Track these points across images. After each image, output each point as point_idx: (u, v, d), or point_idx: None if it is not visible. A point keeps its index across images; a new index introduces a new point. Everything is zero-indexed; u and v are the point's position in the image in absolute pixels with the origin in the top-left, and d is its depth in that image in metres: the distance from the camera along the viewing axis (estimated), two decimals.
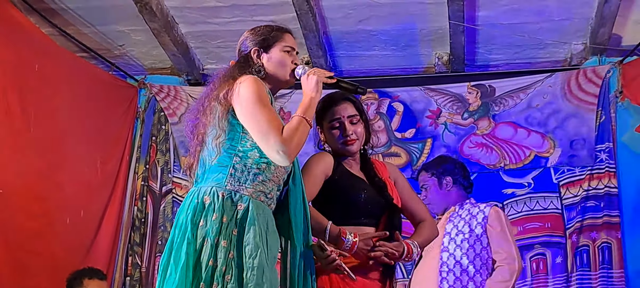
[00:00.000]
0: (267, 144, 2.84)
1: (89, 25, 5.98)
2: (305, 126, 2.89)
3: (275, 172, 2.96)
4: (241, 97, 2.92)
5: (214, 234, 2.83)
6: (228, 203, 2.88)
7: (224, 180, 2.93)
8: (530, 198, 5.96)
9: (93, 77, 6.13)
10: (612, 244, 5.74)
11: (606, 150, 5.89)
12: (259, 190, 2.93)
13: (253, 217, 2.86)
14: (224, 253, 2.82)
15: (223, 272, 2.80)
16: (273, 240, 2.94)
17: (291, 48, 3.16)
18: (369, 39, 6.06)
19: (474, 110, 6.14)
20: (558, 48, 6.12)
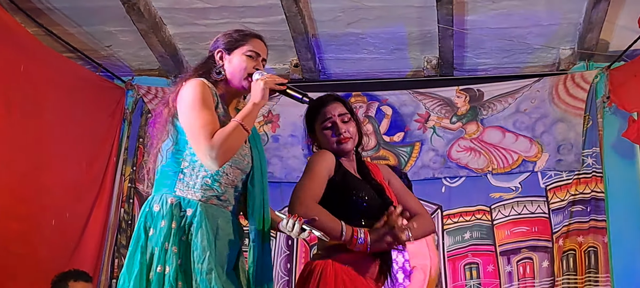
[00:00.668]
0: (197, 147, 2.82)
1: (76, 26, 5.93)
2: (240, 132, 2.84)
3: (226, 175, 2.93)
4: (182, 100, 2.91)
5: (163, 241, 2.82)
6: (177, 209, 2.87)
7: (173, 186, 2.91)
8: (518, 202, 5.98)
9: (80, 78, 6.08)
10: (599, 248, 5.77)
11: (593, 155, 5.91)
12: (209, 194, 2.91)
13: (200, 221, 2.84)
14: (174, 259, 2.81)
15: (175, 278, 2.78)
16: (225, 243, 2.91)
17: (255, 53, 3.10)
18: (358, 42, 6.05)
19: (463, 114, 6.15)
20: (546, 53, 6.14)
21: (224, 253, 2.90)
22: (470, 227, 5.98)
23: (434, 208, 6.03)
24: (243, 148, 3.00)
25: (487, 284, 5.88)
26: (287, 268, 6.02)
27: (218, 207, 2.93)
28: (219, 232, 2.90)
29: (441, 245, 5.97)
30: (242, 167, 3.00)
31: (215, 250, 2.84)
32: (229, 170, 2.94)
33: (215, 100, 2.95)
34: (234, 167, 2.95)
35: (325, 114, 3.34)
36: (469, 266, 5.92)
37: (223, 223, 2.93)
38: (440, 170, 6.10)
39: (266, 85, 2.95)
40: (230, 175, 2.95)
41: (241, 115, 2.89)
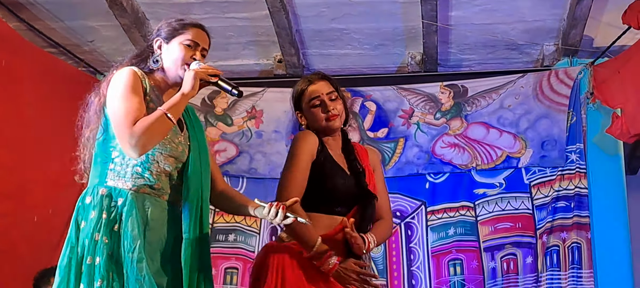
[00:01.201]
0: (120, 135, 2.80)
1: (58, 20, 5.88)
2: (164, 121, 2.81)
3: (157, 163, 2.91)
4: (111, 89, 2.88)
5: (92, 232, 2.78)
6: (107, 200, 2.83)
7: (105, 176, 2.88)
8: (502, 198, 5.98)
9: (61, 73, 6.02)
10: (582, 244, 5.78)
11: (577, 151, 5.92)
12: (140, 183, 2.87)
13: (130, 210, 2.81)
14: (105, 249, 2.77)
15: (106, 269, 2.75)
16: (157, 233, 2.89)
17: (194, 43, 3.03)
18: (342, 37, 6.03)
19: (447, 110, 6.14)
20: (530, 49, 6.14)
21: (155, 243, 2.87)
22: (454, 223, 5.97)
23: (418, 205, 6.02)
24: (177, 137, 2.98)
25: (470, 280, 5.89)
26: None
27: (151, 196, 2.89)
28: (150, 222, 2.87)
29: (425, 241, 5.97)
30: (177, 156, 2.96)
31: (144, 240, 2.81)
32: (160, 158, 2.91)
33: (144, 88, 2.92)
34: (165, 155, 2.92)
35: (312, 93, 3.38)
36: (452, 262, 5.93)
37: (156, 213, 2.89)
38: (424, 166, 6.09)
39: (196, 76, 2.90)
40: (161, 163, 2.91)
41: (167, 104, 2.85)
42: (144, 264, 2.75)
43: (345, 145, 3.46)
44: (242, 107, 6.23)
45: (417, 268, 5.94)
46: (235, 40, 6.10)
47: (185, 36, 3.03)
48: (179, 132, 3.00)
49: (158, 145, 2.89)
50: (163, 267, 2.87)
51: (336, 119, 3.36)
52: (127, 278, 2.75)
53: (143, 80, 2.94)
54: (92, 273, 2.74)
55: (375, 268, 5.89)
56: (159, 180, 2.91)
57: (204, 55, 3.10)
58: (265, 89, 6.19)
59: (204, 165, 3.04)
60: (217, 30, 5.91)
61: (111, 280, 2.76)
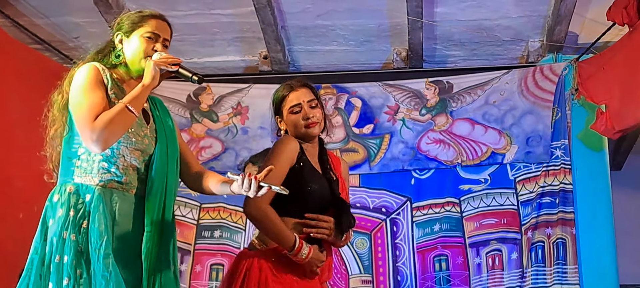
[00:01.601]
0: (82, 130, 2.79)
1: (43, 16, 5.87)
2: (124, 113, 2.79)
3: (123, 157, 2.90)
4: (72, 85, 2.88)
5: (60, 230, 2.77)
6: (75, 197, 2.82)
7: (72, 174, 2.88)
8: (487, 194, 5.99)
9: (46, 69, 5.99)
10: (567, 240, 5.80)
11: (561, 147, 5.94)
12: (107, 178, 2.86)
13: (97, 206, 2.79)
14: (73, 246, 2.75)
15: (74, 266, 2.74)
16: (126, 227, 2.88)
17: (154, 35, 3.01)
18: (328, 34, 6.03)
19: (432, 106, 6.15)
20: (515, 45, 6.16)
21: (124, 238, 2.86)
22: (439, 219, 5.98)
23: (404, 201, 6.03)
24: (142, 129, 2.97)
25: (456, 276, 5.90)
26: None
27: (118, 191, 2.88)
28: (118, 217, 2.86)
29: (410, 237, 5.97)
30: (142, 149, 2.95)
31: (113, 235, 2.80)
32: (126, 152, 2.90)
33: (106, 82, 2.90)
34: (131, 149, 2.91)
35: (294, 99, 3.41)
36: (438, 258, 5.94)
37: (123, 208, 2.88)
38: (409, 162, 6.09)
39: (156, 65, 2.88)
40: (128, 157, 2.91)
41: (128, 97, 2.83)
42: (110, 260, 2.74)
43: (321, 153, 3.51)
44: (227, 103, 6.22)
45: (402, 264, 5.94)
46: (220, 37, 6.10)
47: (145, 28, 3.00)
48: (145, 124, 3.00)
49: (123, 139, 2.88)
50: (133, 262, 2.86)
51: (315, 126, 3.40)
52: (94, 275, 2.73)
53: (104, 75, 2.92)
54: (61, 272, 2.73)
55: (361, 264, 5.90)
56: (126, 174, 2.90)
57: (167, 45, 3.07)
58: (251, 86, 6.19)
59: (170, 157, 3.03)
60: (203, 27, 5.92)
61: (79, 277, 2.73)
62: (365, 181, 6.09)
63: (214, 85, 6.24)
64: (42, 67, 5.96)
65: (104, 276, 2.72)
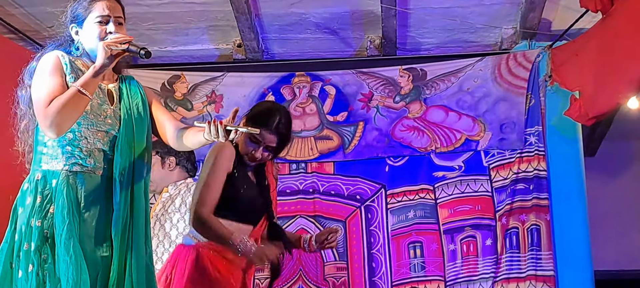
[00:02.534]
0: (38, 118, 2.82)
1: (17, 6, 5.84)
2: (76, 97, 2.78)
3: (86, 139, 2.91)
4: (34, 76, 2.92)
5: (28, 217, 2.81)
6: (42, 183, 2.85)
7: (40, 161, 2.91)
8: (461, 181, 6.00)
9: (21, 58, 5.87)
10: (541, 226, 5.82)
11: (536, 134, 5.95)
12: (72, 162, 2.87)
13: (61, 190, 2.82)
14: (38, 232, 2.79)
15: (38, 251, 2.76)
16: (91, 210, 2.88)
17: (105, 17, 2.99)
18: (301, 22, 6.02)
19: (406, 93, 6.15)
20: (489, 32, 6.16)
21: (91, 220, 2.87)
22: (413, 205, 5.99)
23: (378, 188, 6.03)
24: (105, 110, 2.98)
25: (430, 262, 5.91)
26: None
27: (83, 174, 2.88)
28: (84, 200, 2.87)
29: (385, 224, 5.99)
30: (105, 129, 2.96)
31: (80, 217, 2.82)
32: (88, 134, 2.91)
33: (66, 68, 2.91)
34: (93, 130, 2.92)
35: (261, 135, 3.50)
36: (412, 245, 5.95)
37: (89, 190, 2.88)
38: (383, 150, 6.09)
39: (105, 46, 2.84)
40: (90, 139, 2.91)
41: (80, 80, 2.83)
42: (71, 243, 2.75)
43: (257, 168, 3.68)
44: (201, 91, 6.21)
45: (377, 251, 5.96)
46: (194, 25, 6.08)
47: (94, 13, 3.00)
48: (108, 104, 3.00)
49: (83, 121, 2.89)
50: (103, 243, 2.88)
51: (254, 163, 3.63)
52: (58, 259, 2.75)
53: (63, 61, 2.93)
54: (29, 259, 2.76)
55: (336, 251, 5.91)
56: (90, 156, 2.91)
57: (121, 22, 3.05)
58: (225, 74, 6.18)
59: (137, 136, 3.03)
60: (177, 15, 5.91)
61: (43, 263, 2.76)
62: (340, 168, 6.09)
63: (188, 73, 6.23)
64: (17, 56, 5.94)
65: (64, 260, 2.74)
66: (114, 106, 3.02)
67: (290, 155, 6.05)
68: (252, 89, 6.16)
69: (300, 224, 5.99)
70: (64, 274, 2.73)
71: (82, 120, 2.89)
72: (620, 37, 5.01)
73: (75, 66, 2.96)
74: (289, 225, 5.96)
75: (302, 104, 6.17)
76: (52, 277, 2.76)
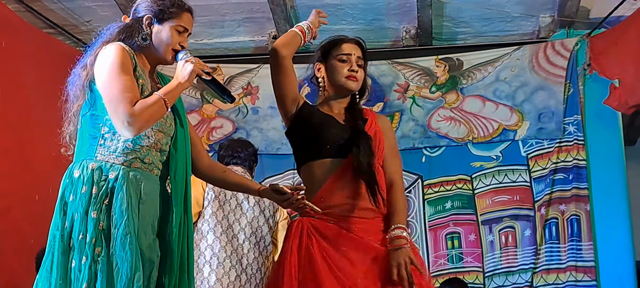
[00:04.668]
0: (115, 113, 2.76)
1: (56, 1, 5.94)
2: (161, 107, 2.80)
3: (148, 138, 2.91)
4: (100, 64, 2.85)
5: (84, 207, 2.77)
6: (98, 174, 2.81)
7: (94, 151, 2.86)
8: (499, 171, 5.98)
9: (60, 53, 6.06)
10: (581, 216, 5.78)
11: (574, 123, 5.90)
12: (131, 158, 2.87)
13: (121, 185, 2.79)
14: (94, 224, 2.75)
15: (93, 244, 2.73)
16: (149, 207, 2.88)
17: (184, 29, 3.01)
18: (337, 13, 6.02)
19: (442, 83, 6.14)
20: (526, 21, 6.13)
21: (148, 217, 2.87)
22: (451, 196, 5.98)
23: (415, 178, 6.03)
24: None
25: (468, 254, 5.90)
26: None
27: (143, 171, 2.89)
28: (143, 196, 2.86)
29: (422, 215, 5.98)
30: (165, 130, 2.96)
31: (138, 214, 2.81)
32: (150, 133, 2.90)
33: (133, 65, 2.89)
34: (155, 130, 2.91)
35: (344, 49, 3.50)
36: (450, 235, 5.94)
37: (148, 188, 2.89)
38: (420, 140, 6.09)
39: (195, 70, 2.88)
40: (152, 138, 2.91)
41: (165, 90, 2.84)
42: (128, 239, 2.75)
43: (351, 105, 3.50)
44: (237, 83, 6.26)
45: (414, 242, 5.93)
46: (230, 18, 6.13)
47: (178, 21, 3.00)
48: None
49: None
50: (154, 242, 2.87)
51: (356, 80, 3.44)
52: (113, 254, 2.74)
53: (132, 58, 2.91)
54: (83, 249, 2.73)
55: None
56: (149, 154, 2.92)
57: (187, 37, 3.07)
58: (261, 66, 6.21)
59: (187, 139, 3.07)
60: (213, 8, 5.95)
61: (97, 256, 2.74)
62: None
63: (225, 65, 6.28)
64: (56, 50, 6.04)
65: (120, 255, 2.73)
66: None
67: None
68: None
69: None
70: (118, 270, 2.73)
71: None
72: None
73: (138, 62, 2.95)
74: None
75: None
76: (105, 271, 2.74)
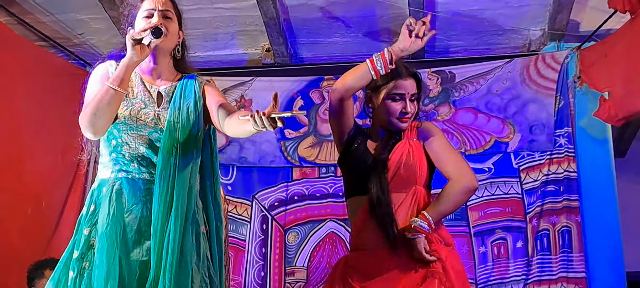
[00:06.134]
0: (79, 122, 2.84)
1: (48, 14, 5.93)
2: (106, 92, 2.76)
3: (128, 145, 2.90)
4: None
5: (80, 225, 2.87)
6: (96, 192, 2.89)
7: (99, 171, 2.96)
8: (491, 183, 5.99)
9: (52, 66, 6.08)
10: (572, 228, 5.80)
11: (565, 135, 5.93)
12: (117, 168, 2.89)
13: (104, 198, 2.84)
14: (84, 239, 2.81)
15: (81, 259, 2.78)
16: (134, 214, 2.86)
17: (149, 11, 2.96)
18: (330, 26, 6.05)
19: (435, 96, 6.16)
20: (517, 34, 6.16)
21: (133, 224, 2.85)
22: None
23: None
24: (146, 114, 2.95)
25: None
26: (262, 252, 6.04)
27: (127, 179, 2.89)
28: (127, 204, 2.87)
29: None
30: (146, 133, 2.92)
31: (123, 225, 2.82)
32: (128, 139, 2.90)
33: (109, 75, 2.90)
34: (133, 135, 2.91)
35: (399, 87, 3.33)
36: None
37: (131, 195, 2.87)
38: None
39: (130, 38, 2.79)
40: (132, 144, 2.90)
41: (112, 76, 2.82)
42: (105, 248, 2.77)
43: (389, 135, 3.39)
44: (231, 96, 6.25)
45: None
46: (223, 30, 6.14)
47: (142, 9, 2.98)
48: (154, 108, 2.97)
49: (123, 127, 2.90)
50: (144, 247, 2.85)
51: (407, 122, 3.32)
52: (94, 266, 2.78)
53: (110, 71, 2.94)
54: (73, 265, 2.80)
55: None
56: (134, 161, 2.90)
57: (168, 16, 3.00)
58: (254, 79, 6.23)
59: (183, 138, 2.92)
60: (206, 21, 5.96)
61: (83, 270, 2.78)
62: None
63: (218, 78, 6.24)
64: (48, 63, 6.04)
65: (97, 266, 2.77)
66: (161, 108, 2.98)
67: (319, 159, 6.07)
68: (281, 93, 6.18)
69: (330, 228, 6.02)
70: (96, 280, 2.75)
71: (121, 126, 2.89)
72: None
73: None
74: (319, 228, 5.98)
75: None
76: (87, 283, 2.77)
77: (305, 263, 5.99)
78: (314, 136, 6.17)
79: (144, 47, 2.81)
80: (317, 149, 6.15)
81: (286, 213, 6.09)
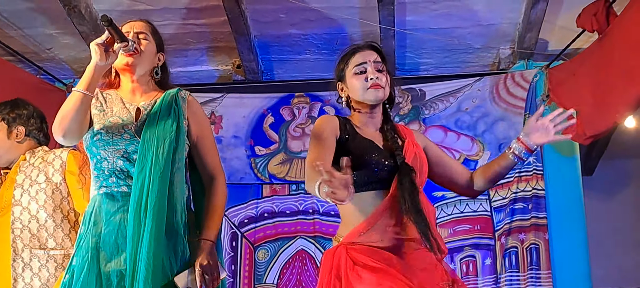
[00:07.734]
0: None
1: (16, 28, 5.86)
2: (71, 98, 2.86)
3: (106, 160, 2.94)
4: None
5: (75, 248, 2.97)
6: (86, 214, 2.97)
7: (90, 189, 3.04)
8: (460, 200, 6.01)
9: (20, 81, 5.98)
10: (540, 245, 5.84)
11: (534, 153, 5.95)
12: (99, 185, 2.95)
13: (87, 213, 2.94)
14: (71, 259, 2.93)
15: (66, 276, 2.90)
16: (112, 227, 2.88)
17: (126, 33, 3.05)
18: (301, 42, 6.05)
19: (405, 113, 6.18)
20: (486, 52, 6.21)
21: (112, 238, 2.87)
22: None
23: None
24: (122, 128, 2.97)
25: None
26: (231, 269, 6.01)
27: (108, 194, 2.93)
28: (104, 219, 2.90)
29: None
30: (123, 147, 2.94)
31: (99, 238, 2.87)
32: (106, 154, 2.94)
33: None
34: (110, 149, 2.94)
35: (358, 59, 3.19)
36: None
37: (111, 209, 2.90)
38: None
39: (94, 44, 2.88)
40: (110, 158, 2.94)
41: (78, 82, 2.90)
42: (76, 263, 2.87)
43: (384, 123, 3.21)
44: None
45: None
46: (194, 47, 6.12)
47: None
48: (131, 123, 2.98)
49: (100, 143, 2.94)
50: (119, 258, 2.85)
51: (379, 89, 3.10)
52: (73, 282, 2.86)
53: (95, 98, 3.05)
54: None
55: None
56: (112, 175, 2.93)
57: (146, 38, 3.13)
58: (225, 95, 6.20)
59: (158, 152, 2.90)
60: (177, 37, 5.93)
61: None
62: None
63: None
64: (16, 78, 5.94)
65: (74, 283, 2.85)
66: (138, 121, 2.99)
67: (289, 176, 6.06)
68: (251, 109, 6.19)
69: (300, 245, 6.01)
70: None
71: (99, 142, 2.94)
72: (617, 56, 5.02)
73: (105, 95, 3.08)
74: (289, 245, 5.97)
75: (301, 125, 6.18)
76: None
77: (275, 281, 5.97)
78: (284, 153, 6.16)
79: (109, 52, 2.89)
80: (287, 166, 6.13)
81: (256, 231, 6.06)
